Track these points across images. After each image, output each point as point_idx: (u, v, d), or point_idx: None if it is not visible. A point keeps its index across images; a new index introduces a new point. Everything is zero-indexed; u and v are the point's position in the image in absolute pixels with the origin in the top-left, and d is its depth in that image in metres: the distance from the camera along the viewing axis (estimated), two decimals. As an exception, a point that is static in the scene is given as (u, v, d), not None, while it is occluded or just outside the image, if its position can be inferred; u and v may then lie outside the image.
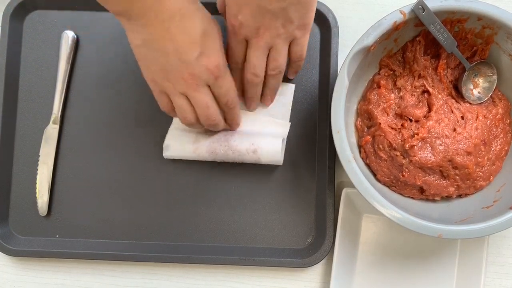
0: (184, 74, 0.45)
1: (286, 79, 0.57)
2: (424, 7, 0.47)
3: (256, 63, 0.49)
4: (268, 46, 0.48)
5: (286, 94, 0.57)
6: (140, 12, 0.42)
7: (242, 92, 0.54)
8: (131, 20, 0.43)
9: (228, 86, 0.49)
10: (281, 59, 0.50)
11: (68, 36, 0.58)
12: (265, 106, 0.57)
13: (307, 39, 0.50)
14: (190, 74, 0.45)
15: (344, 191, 0.55)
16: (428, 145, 0.51)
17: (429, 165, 0.50)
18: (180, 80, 0.46)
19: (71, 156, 0.58)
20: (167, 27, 0.43)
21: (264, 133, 0.55)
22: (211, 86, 0.48)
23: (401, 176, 0.52)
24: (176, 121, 0.57)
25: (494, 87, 0.54)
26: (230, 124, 0.54)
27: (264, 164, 0.55)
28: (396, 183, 0.53)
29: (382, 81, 0.53)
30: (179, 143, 0.55)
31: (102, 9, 0.58)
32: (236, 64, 0.51)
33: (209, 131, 0.55)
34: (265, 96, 0.55)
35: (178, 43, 0.44)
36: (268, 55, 0.49)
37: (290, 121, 0.57)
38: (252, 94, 0.54)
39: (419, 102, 0.53)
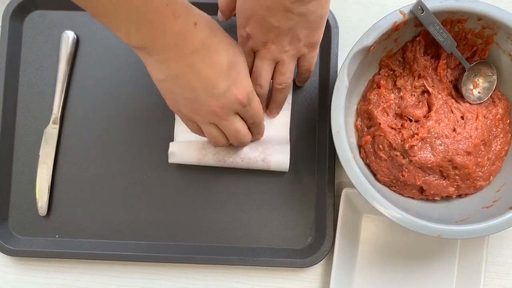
0: (213, 107, 0.45)
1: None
2: (423, 8, 0.47)
3: (261, 73, 0.49)
4: (275, 60, 0.48)
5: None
6: (163, 48, 0.40)
7: None
8: (153, 55, 0.41)
9: (256, 108, 0.49)
10: (288, 74, 0.50)
11: (68, 36, 0.58)
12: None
13: (315, 55, 0.50)
14: (219, 107, 0.45)
15: (344, 191, 0.55)
16: (428, 145, 0.51)
17: (429, 165, 0.50)
18: (210, 113, 0.45)
19: (71, 156, 0.58)
20: (191, 62, 0.41)
21: (270, 138, 0.56)
22: (240, 113, 0.48)
23: (401, 176, 0.52)
24: (179, 126, 0.57)
25: (494, 87, 0.54)
26: (255, 137, 0.54)
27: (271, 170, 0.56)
28: (396, 183, 0.53)
29: (382, 81, 0.53)
30: (185, 150, 0.55)
31: (102, 9, 0.59)
32: None
33: None
34: (271, 109, 0.56)
35: (205, 78, 0.43)
36: (275, 69, 0.49)
37: (290, 120, 0.57)
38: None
39: (419, 102, 0.53)
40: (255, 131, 0.53)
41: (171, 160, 0.55)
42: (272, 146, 0.55)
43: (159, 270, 0.57)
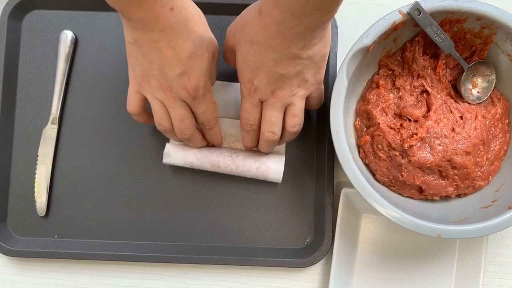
0: (163, 84, 0.46)
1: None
2: (420, 10, 0.47)
3: (274, 121, 0.48)
4: (285, 105, 0.48)
5: None
6: (136, 19, 0.42)
7: (256, 145, 0.54)
8: (127, 20, 0.43)
9: (205, 108, 0.49)
10: (299, 115, 0.49)
11: (67, 36, 0.58)
12: None
13: (323, 89, 0.51)
14: (168, 87, 0.46)
15: (343, 191, 0.55)
16: (427, 145, 0.51)
17: (428, 165, 0.50)
18: (159, 88, 0.46)
19: (70, 156, 0.57)
20: (156, 39, 0.43)
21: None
22: (189, 104, 0.48)
23: (400, 176, 0.52)
24: None
25: (493, 87, 0.54)
26: (210, 142, 0.55)
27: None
28: (395, 183, 0.53)
29: (381, 81, 0.53)
30: (180, 152, 0.55)
31: (101, 9, 0.59)
32: (250, 127, 0.50)
33: (213, 147, 0.56)
34: (279, 145, 0.55)
35: (163, 57, 0.44)
36: (286, 111, 0.49)
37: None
38: (266, 149, 0.53)
39: (418, 102, 0.53)
40: (207, 136, 0.53)
41: (165, 160, 0.55)
42: (267, 155, 0.55)
43: (159, 270, 0.57)
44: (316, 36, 0.42)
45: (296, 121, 0.49)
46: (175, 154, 0.54)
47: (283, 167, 0.54)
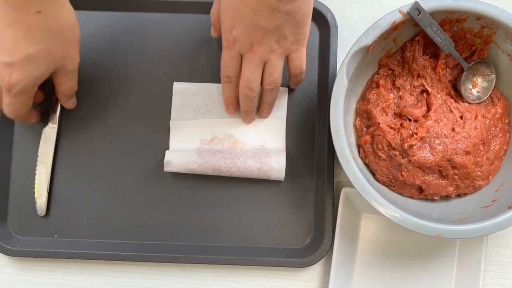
0: None
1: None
2: (420, 10, 0.47)
3: (250, 77, 0.49)
4: (263, 61, 0.48)
5: (280, 98, 0.57)
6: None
7: (237, 105, 0.55)
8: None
9: (10, 103, 0.49)
10: (276, 74, 0.50)
11: (67, 35, 0.58)
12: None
13: (304, 53, 0.50)
14: None
15: (343, 191, 0.55)
16: (427, 144, 0.51)
17: (428, 165, 0.50)
18: None
19: (70, 156, 0.57)
20: (10, 21, 0.44)
21: (266, 146, 0.56)
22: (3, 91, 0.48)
23: (400, 176, 0.52)
24: (174, 134, 0.57)
25: (493, 87, 0.54)
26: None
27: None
28: (395, 183, 0.53)
29: (381, 81, 0.53)
30: (181, 160, 0.54)
31: (101, 8, 0.59)
32: (228, 78, 0.51)
33: (213, 149, 0.56)
34: (262, 110, 0.56)
35: (4, 40, 0.44)
36: (263, 69, 0.49)
37: (289, 120, 0.57)
38: (247, 108, 0.54)
39: (418, 101, 0.53)
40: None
41: (166, 169, 0.55)
42: (268, 155, 0.55)
43: (158, 270, 0.57)
44: None
45: (272, 79, 0.50)
46: (176, 162, 0.54)
47: (285, 165, 0.54)
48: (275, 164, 0.54)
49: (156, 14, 0.59)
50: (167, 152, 0.55)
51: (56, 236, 0.57)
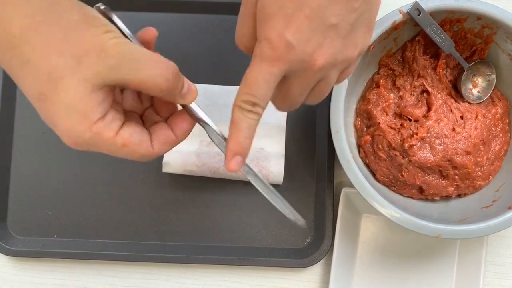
0: None
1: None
2: (420, 10, 0.47)
3: (296, 100, 0.35)
4: (319, 79, 0.33)
5: None
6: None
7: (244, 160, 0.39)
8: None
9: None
10: (326, 93, 0.36)
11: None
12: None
13: (352, 70, 0.36)
14: None
15: (343, 191, 0.55)
16: (427, 144, 0.51)
17: (428, 165, 0.50)
18: None
19: (69, 155, 0.57)
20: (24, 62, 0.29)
21: (265, 150, 0.56)
22: None
23: (400, 176, 0.51)
24: None
25: (493, 87, 0.54)
26: None
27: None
28: (395, 183, 0.53)
29: (381, 81, 0.53)
30: (179, 161, 0.54)
31: (100, 8, 0.59)
32: (253, 106, 0.33)
33: (212, 151, 0.55)
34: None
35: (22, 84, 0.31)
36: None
37: (288, 121, 0.57)
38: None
39: (419, 101, 0.53)
40: None
41: (165, 170, 0.55)
42: (267, 158, 0.55)
43: (158, 270, 0.57)
44: None
45: (320, 97, 0.36)
46: (174, 164, 0.54)
47: (283, 169, 0.54)
48: (274, 168, 0.54)
49: (156, 14, 0.59)
50: (165, 153, 0.55)
51: (55, 236, 0.57)
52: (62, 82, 0.29)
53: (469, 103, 0.54)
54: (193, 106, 0.35)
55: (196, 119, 0.35)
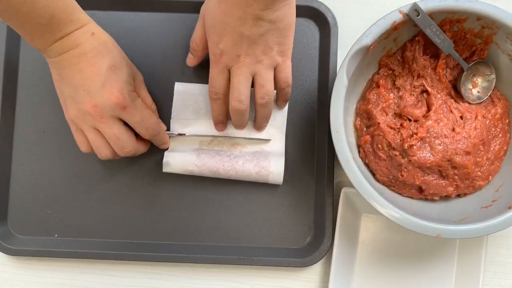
0: (88, 105, 0.47)
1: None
2: (419, 11, 0.47)
3: (240, 88, 0.49)
4: (251, 73, 0.48)
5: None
6: (60, 50, 0.46)
7: (227, 123, 0.55)
8: (52, 57, 0.46)
9: (140, 116, 0.49)
10: (268, 85, 0.49)
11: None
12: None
13: (289, 65, 0.50)
14: (93, 105, 0.47)
15: (343, 191, 0.55)
16: (427, 144, 0.51)
17: (428, 165, 0.50)
18: (87, 113, 0.47)
19: (69, 155, 0.57)
20: (77, 61, 0.46)
21: (266, 150, 0.56)
22: (121, 117, 0.48)
23: (400, 176, 0.52)
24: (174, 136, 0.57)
25: (493, 87, 0.54)
26: (158, 146, 0.55)
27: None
28: (395, 183, 0.53)
29: (381, 81, 0.53)
30: (179, 161, 0.55)
31: (100, 8, 0.59)
32: (216, 95, 0.50)
33: (212, 150, 0.55)
34: (258, 124, 0.55)
35: (85, 75, 0.46)
36: (254, 84, 0.49)
37: (289, 121, 0.57)
38: (238, 123, 0.54)
39: (418, 101, 0.53)
40: (155, 142, 0.54)
41: (165, 169, 0.55)
42: (267, 158, 0.55)
43: (158, 269, 0.57)
44: (278, 0, 0.44)
45: (264, 91, 0.49)
46: (174, 164, 0.54)
47: (283, 170, 0.54)
48: (274, 168, 0.54)
49: (156, 14, 0.59)
50: (166, 152, 0.55)
51: (56, 235, 0.57)
52: (122, 67, 0.49)
53: (469, 103, 0.54)
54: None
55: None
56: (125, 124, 0.50)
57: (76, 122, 0.49)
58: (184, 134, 0.55)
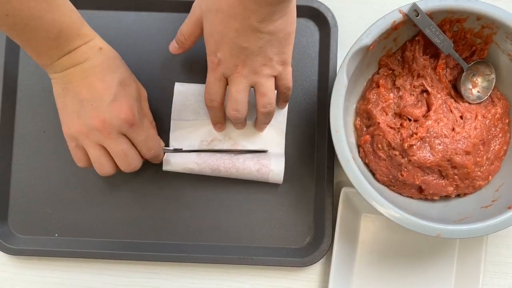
0: (95, 121, 0.46)
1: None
2: (418, 11, 0.47)
3: (237, 98, 0.48)
4: (249, 83, 0.48)
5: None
6: (67, 64, 0.45)
7: (225, 123, 0.55)
8: (57, 72, 0.46)
9: (146, 134, 0.49)
10: (269, 94, 0.49)
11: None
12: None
13: (290, 70, 0.49)
14: (101, 120, 0.46)
15: (343, 191, 0.55)
16: (427, 144, 0.51)
17: (428, 165, 0.50)
18: (93, 128, 0.46)
19: (70, 155, 0.57)
20: (85, 75, 0.46)
21: (267, 150, 0.56)
22: (127, 134, 0.48)
23: (400, 176, 0.52)
24: (173, 134, 0.57)
25: (493, 86, 0.54)
26: (152, 162, 0.54)
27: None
28: (395, 183, 0.53)
29: (381, 81, 0.53)
30: (180, 159, 0.55)
31: (100, 8, 0.59)
32: (210, 102, 0.50)
33: (212, 149, 0.56)
34: (260, 127, 0.55)
35: (93, 89, 0.46)
36: (255, 92, 0.49)
37: (289, 121, 0.57)
38: (236, 126, 0.54)
39: (418, 101, 0.53)
40: (152, 160, 0.53)
41: (165, 168, 0.55)
42: (267, 156, 0.55)
43: (158, 269, 0.57)
44: (277, 11, 0.42)
45: (266, 100, 0.49)
46: (174, 162, 0.55)
47: (284, 168, 0.54)
48: (274, 166, 0.54)
49: (156, 14, 0.59)
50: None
51: (56, 235, 0.57)
52: (131, 84, 0.49)
53: (469, 103, 0.54)
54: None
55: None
56: None
57: (79, 137, 0.48)
58: (181, 149, 0.55)
